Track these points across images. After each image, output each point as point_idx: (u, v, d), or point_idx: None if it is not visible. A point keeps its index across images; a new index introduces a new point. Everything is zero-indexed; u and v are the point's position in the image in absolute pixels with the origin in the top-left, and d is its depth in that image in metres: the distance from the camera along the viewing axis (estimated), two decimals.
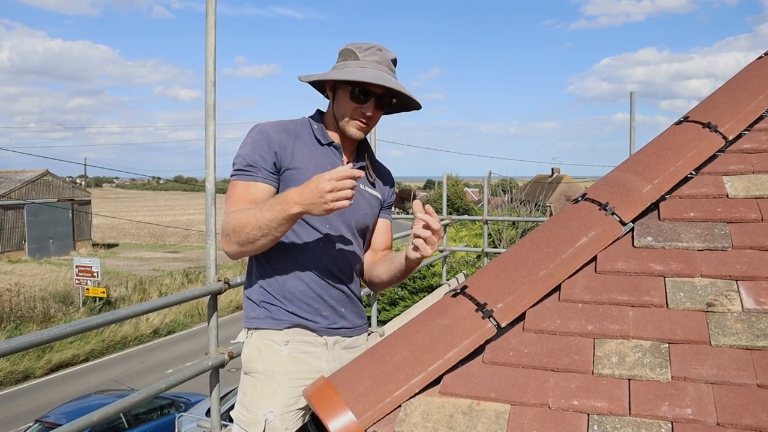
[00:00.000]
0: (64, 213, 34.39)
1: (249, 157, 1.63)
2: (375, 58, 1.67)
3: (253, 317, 1.71)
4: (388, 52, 1.70)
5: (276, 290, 1.68)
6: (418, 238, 1.50)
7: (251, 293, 1.73)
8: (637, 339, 1.18)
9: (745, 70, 1.74)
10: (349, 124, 1.69)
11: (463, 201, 41.93)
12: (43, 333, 1.93)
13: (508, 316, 1.25)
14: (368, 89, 1.64)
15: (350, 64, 1.67)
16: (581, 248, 1.34)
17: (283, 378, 1.64)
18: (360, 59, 1.66)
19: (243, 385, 1.71)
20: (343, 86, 1.67)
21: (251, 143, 1.65)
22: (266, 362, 1.66)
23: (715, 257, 1.30)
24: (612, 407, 1.07)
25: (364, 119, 1.68)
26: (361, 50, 1.68)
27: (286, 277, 1.67)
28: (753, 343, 1.12)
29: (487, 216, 7.96)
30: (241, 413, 1.68)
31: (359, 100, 1.65)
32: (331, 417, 1.13)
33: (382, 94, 1.67)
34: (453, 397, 1.15)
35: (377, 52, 1.68)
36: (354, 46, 1.69)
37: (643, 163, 1.51)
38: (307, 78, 1.74)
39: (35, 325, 17.87)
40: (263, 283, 1.70)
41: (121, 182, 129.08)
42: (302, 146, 1.69)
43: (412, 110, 1.82)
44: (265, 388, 1.65)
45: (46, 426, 9.79)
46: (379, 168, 1.87)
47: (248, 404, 1.67)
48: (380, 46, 1.70)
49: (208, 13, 2.68)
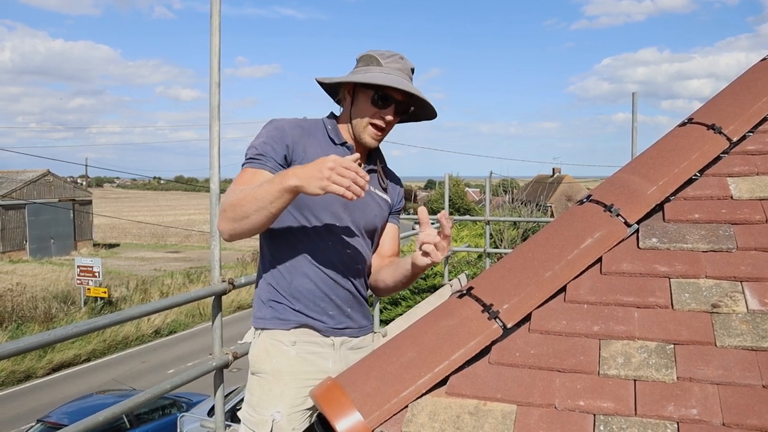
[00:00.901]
0: (65, 213, 34.42)
1: (261, 148, 1.64)
2: (397, 66, 1.69)
3: (261, 317, 1.72)
4: (408, 61, 1.73)
5: (284, 288, 1.69)
6: (428, 244, 1.50)
7: (260, 291, 1.75)
8: (642, 340, 1.19)
9: (749, 72, 1.74)
10: (366, 131, 1.71)
11: (464, 201, 41.93)
12: (49, 334, 1.94)
13: (514, 317, 1.26)
14: (389, 95, 1.66)
15: (373, 69, 1.68)
16: (586, 249, 1.35)
17: (291, 378, 1.65)
18: (383, 65, 1.68)
19: (250, 385, 1.72)
20: (364, 90, 1.69)
21: (265, 135, 1.66)
22: (274, 363, 1.67)
23: (720, 258, 1.30)
24: (618, 407, 1.07)
25: (383, 124, 1.70)
26: (383, 57, 1.70)
27: (295, 274, 1.69)
28: (758, 344, 1.12)
29: (489, 216, 7.97)
30: (249, 413, 1.69)
31: (379, 105, 1.67)
32: (339, 417, 1.14)
33: (402, 101, 1.69)
34: (460, 398, 1.16)
35: (399, 60, 1.71)
36: (376, 52, 1.71)
37: (647, 165, 1.52)
38: (327, 80, 1.75)
39: (37, 325, 17.89)
40: (272, 281, 1.71)
41: (122, 182, 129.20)
42: (315, 144, 1.70)
43: (423, 120, 1.84)
44: (272, 388, 1.66)
45: (48, 426, 9.80)
46: (389, 174, 1.88)
47: (256, 404, 1.68)
48: (401, 54, 1.73)
49: (213, 14, 2.69)
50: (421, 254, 1.54)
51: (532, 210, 24.11)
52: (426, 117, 1.82)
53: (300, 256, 1.69)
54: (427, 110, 1.77)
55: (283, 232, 1.70)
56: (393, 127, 1.75)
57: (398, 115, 1.71)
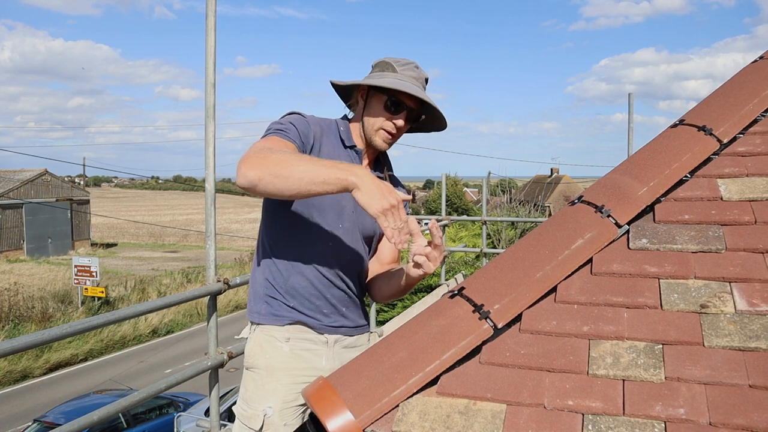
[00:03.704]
0: (62, 212, 34.38)
1: (288, 126, 1.62)
2: (412, 74, 1.71)
3: (256, 312, 1.74)
4: (423, 71, 1.75)
5: (280, 284, 1.71)
6: (420, 255, 1.51)
7: (257, 286, 1.76)
8: (631, 340, 1.20)
9: (740, 74, 1.76)
10: (377, 134, 1.72)
11: (462, 201, 41.93)
12: (44, 333, 1.95)
13: (505, 317, 1.27)
14: (402, 101, 1.68)
15: (388, 75, 1.70)
16: (577, 250, 1.36)
17: (283, 374, 1.67)
18: (398, 72, 1.70)
19: (244, 380, 1.75)
20: (378, 95, 1.70)
21: (292, 119, 1.65)
22: (267, 358, 1.68)
23: (709, 259, 1.31)
24: (606, 407, 1.08)
25: (395, 130, 1.71)
26: (399, 64, 1.72)
27: (291, 271, 1.70)
28: (745, 344, 1.13)
29: (486, 216, 7.98)
30: (242, 408, 1.71)
31: (392, 111, 1.69)
32: (330, 416, 1.15)
33: (414, 109, 1.71)
34: (450, 397, 1.16)
35: (414, 68, 1.73)
36: (392, 59, 1.73)
37: (638, 166, 1.53)
38: (342, 82, 1.77)
39: (34, 324, 17.86)
40: (269, 276, 1.73)
41: (120, 182, 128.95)
42: (329, 143, 1.73)
43: (433, 131, 1.86)
44: (265, 383, 1.67)
45: (45, 426, 9.79)
46: (395, 181, 1.90)
47: (249, 399, 1.70)
48: (416, 63, 1.75)
49: (208, 15, 2.69)
50: (413, 266, 1.55)
51: (530, 210, 24.13)
52: (435, 128, 1.84)
53: (298, 254, 1.70)
54: (437, 121, 1.80)
55: (284, 229, 1.71)
56: (403, 133, 1.77)
57: (410, 122, 1.73)
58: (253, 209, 65.49)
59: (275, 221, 1.71)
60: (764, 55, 1.79)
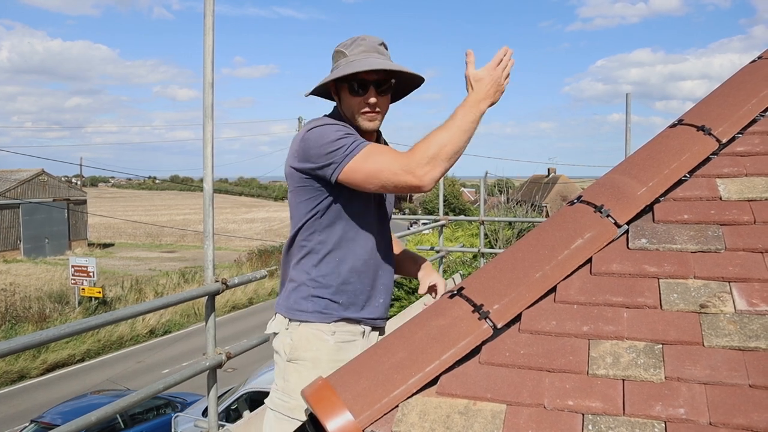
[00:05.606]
0: (59, 212, 34.30)
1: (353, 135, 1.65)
2: (360, 49, 1.72)
3: (301, 310, 1.75)
4: (373, 38, 1.75)
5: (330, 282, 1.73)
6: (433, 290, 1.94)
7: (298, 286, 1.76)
8: (631, 340, 1.20)
9: (738, 74, 1.76)
10: (360, 119, 1.74)
11: (459, 201, 41.95)
12: (41, 333, 1.94)
13: (505, 317, 1.27)
14: (363, 79, 1.69)
15: (341, 63, 1.73)
16: (577, 250, 1.36)
17: (328, 366, 1.69)
18: (348, 55, 1.72)
19: (285, 372, 1.76)
20: (342, 85, 1.72)
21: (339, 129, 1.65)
22: (315, 350, 1.72)
23: (709, 259, 1.31)
24: (606, 407, 1.08)
25: (370, 108, 1.72)
26: (346, 47, 1.74)
27: (343, 267, 1.73)
28: (745, 344, 1.13)
29: (484, 216, 7.98)
30: (282, 400, 1.74)
31: (359, 93, 1.70)
32: (329, 417, 1.15)
33: (380, 80, 1.71)
34: (450, 398, 1.16)
35: (361, 42, 1.73)
36: (340, 45, 1.76)
37: (637, 166, 1.53)
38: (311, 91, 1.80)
39: (31, 325, 17.81)
40: (316, 275, 1.74)
41: (117, 182, 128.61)
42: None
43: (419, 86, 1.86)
44: (310, 375, 1.69)
45: (42, 426, 9.76)
46: None
47: (291, 390, 1.72)
48: (363, 35, 1.76)
49: (206, 15, 2.69)
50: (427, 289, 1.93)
51: (527, 210, 24.16)
52: (414, 84, 1.85)
53: (348, 250, 1.74)
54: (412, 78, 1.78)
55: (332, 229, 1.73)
56: (387, 105, 1.78)
57: (382, 93, 1.73)
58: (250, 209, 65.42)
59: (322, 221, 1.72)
60: (762, 55, 1.79)
